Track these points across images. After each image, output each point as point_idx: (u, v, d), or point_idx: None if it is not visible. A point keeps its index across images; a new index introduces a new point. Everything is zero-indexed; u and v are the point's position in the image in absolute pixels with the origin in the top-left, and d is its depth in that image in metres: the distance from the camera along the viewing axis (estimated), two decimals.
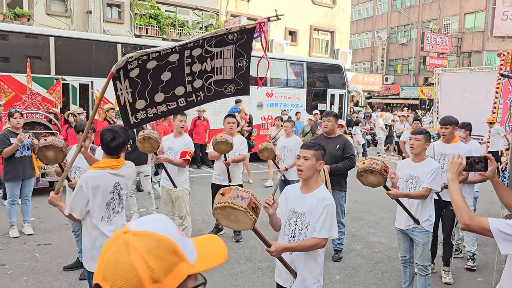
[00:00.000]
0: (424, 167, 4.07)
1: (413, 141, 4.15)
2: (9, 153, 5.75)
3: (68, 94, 10.02)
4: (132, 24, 17.54)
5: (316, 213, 2.77)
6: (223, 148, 5.49)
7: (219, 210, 2.49)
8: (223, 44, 3.40)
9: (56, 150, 4.30)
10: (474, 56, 32.79)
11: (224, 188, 2.58)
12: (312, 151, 2.87)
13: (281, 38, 21.53)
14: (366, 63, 41.84)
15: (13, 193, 5.91)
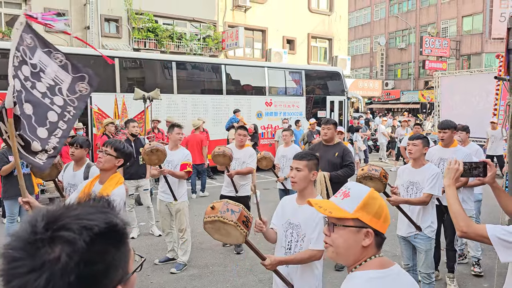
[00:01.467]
0: (424, 172, 4.02)
1: (410, 147, 4.10)
2: (7, 171, 5.71)
3: None
4: (130, 38, 17.62)
5: (312, 224, 2.71)
6: (221, 161, 5.49)
7: (209, 224, 2.46)
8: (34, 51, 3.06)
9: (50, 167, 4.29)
10: (473, 58, 32.79)
11: (214, 201, 2.54)
12: (305, 162, 2.83)
13: (279, 47, 21.58)
14: (365, 69, 41.90)
15: (13, 212, 5.87)
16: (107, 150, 3.19)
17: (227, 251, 6.07)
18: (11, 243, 0.78)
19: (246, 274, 5.24)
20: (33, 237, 0.76)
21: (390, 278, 1.42)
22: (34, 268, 0.73)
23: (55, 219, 0.78)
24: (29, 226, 0.78)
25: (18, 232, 0.78)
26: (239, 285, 4.91)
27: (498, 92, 12.76)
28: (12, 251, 0.76)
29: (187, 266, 5.37)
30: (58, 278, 0.73)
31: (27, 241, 0.76)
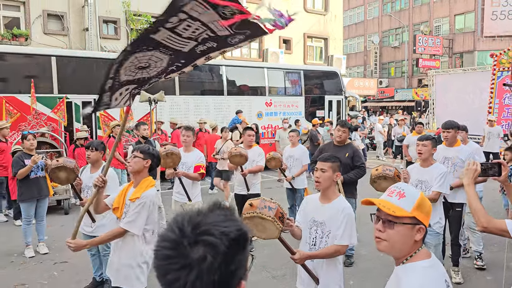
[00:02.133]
0: (433, 171, 4.23)
1: (420, 147, 4.30)
2: (23, 174, 5.87)
3: (71, 112, 10.14)
4: (128, 40, 17.71)
5: (337, 222, 2.91)
6: (238, 160, 5.71)
7: (248, 220, 2.65)
8: None
9: (68, 171, 4.45)
10: (466, 56, 33.21)
11: (252, 199, 2.73)
12: (329, 164, 3.02)
13: (275, 47, 21.78)
14: (359, 67, 42.23)
15: (29, 214, 6.01)
16: (135, 154, 3.34)
17: None
18: (162, 243, 0.94)
19: (259, 271, 5.43)
20: (182, 239, 0.92)
21: (435, 265, 1.64)
22: (185, 265, 0.90)
23: (197, 225, 0.94)
24: (178, 230, 0.94)
25: (168, 234, 0.95)
26: (254, 281, 5.10)
27: (493, 90, 13.07)
28: (165, 250, 0.93)
29: None
30: (205, 275, 0.90)
31: (177, 242, 0.92)
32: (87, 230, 4.72)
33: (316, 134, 11.91)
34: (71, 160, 4.54)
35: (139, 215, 3.10)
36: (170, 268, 0.92)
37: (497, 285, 4.94)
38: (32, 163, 5.84)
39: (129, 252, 3.14)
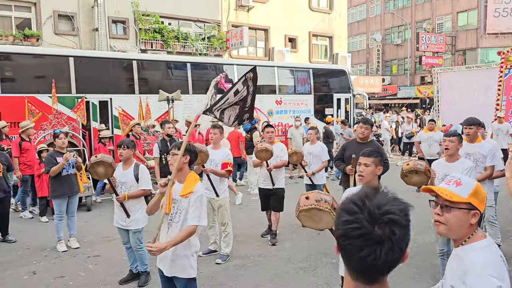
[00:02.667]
0: (459, 166, 4.41)
1: (447, 143, 4.49)
2: (56, 172, 6.07)
3: (89, 111, 10.34)
4: (137, 39, 17.90)
5: None
6: (263, 156, 5.91)
7: (305, 212, 2.83)
8: None
9: (106, 166, 4.67)
10: (469, 53, 33.37)
11: (306, 192, 2.92)
12: (372, 159, 3.22)
13: (281, 46, 21.96)
14: (362, 65, 42.41)
15: (61, 210, 6.21)
16: (173, 152, 3.46)
17: (263, 243, 6.47)
18: (352, 224, 1.10)
19: (285, 263, 5.65)
20: (371, 219, 1.09)
21: (491, 244, 1.87)
22: (378, 241, 1.08)
23: (380, 205, 1.10)
24: (367, 212, 1.10)
25: (357, 216, 1.10)
26: (282, 273, 5.31)
27: (500, 87, 13.26)
28: (357, 230, 1.09)
29: (230, 257, 5.76)
30: (395, 247, 1.09)
31: (367, 221, 1.09)
32: (122, 224, 4.93)
33: (331, 131, 12.12)
34: (109, 156, 4.74)
35: (201, 208, 3.29)
36: (364, 244, 1.08)
37: None
38: (64, 160, 6.06)
39: (185, 244, 3.30)
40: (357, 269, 1.15)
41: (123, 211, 4.83)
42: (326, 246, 6.27)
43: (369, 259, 1.09)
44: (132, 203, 4.84)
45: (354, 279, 1.18)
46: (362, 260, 1.09)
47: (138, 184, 4.86)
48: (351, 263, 1.15)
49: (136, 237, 4.92)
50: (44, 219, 7.80)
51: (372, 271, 1.13)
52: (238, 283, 4.99)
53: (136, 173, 4.86)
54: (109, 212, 8.50)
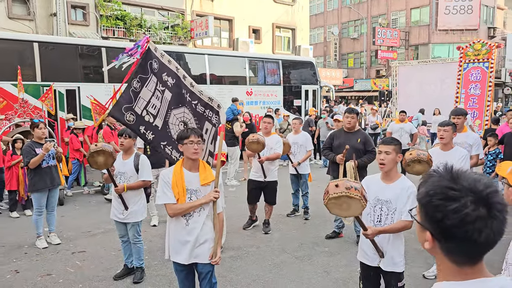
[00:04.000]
0: (454, 154, 4.59)
1: (442, 132, 4.65)
2: (36, 163, 5.68)
3: (55, 100, 9.79)
4: (98, 26, 17.15)
5: (403, 199, 3.16)
6: (255, 148, 5.84)
7: (334, 200, 2.83)
8: None
9: (106, 155, 4.43)
10: (421, 48, 34.81)
11: (335, 180, 2.92)
12: (393, 146, 3.26)
13: (245, 37, 21.86)
14: (319, 58, 43.05)
15: (40, 204, 5.84)
16: (199, 140, 3.27)
17: (252, 233, 6.45)
18: (464, 209, 1.09)
19: (280, 253, 5.65)
20: (478, 198, 1.10)
21: None
22: (491, 216, 1.10)
23: (475, 182, 1.13)
24: (470, 194, 1.11)
25: (465, 202, 1.10)
26: (278, 262, 5.31)
27: (460, 81, 13.90)
28: (472, 214, 1.09)
29: (222, 249, 5.68)
30: (504, 215, 1.12)
31: (474, 202, 1.10)
32: (120, 217, 4.72)
33: (312, 120, 12.31)
34: (109, 145, 4.51)
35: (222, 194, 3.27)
36: (483, 225, 1.09)
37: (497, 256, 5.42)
38: (44, 151, 5.66)
39: (209, 229, 3.29)
40: (477, 253, 1.14)
41: (121, 203, 4.62)
42: (315, 235, 6.35)
43: (490, 237, 1.10)
44: (131, 195, 4.64)
45: (461, 264, 1.16)
46: (485, 241, 1.10)
47: (138, 175, 4.67)
48: (470, 249, 1.13)
49: (135, 230, 4.73)
50: (14, 215, 7.34)
51: (489, 248, 1.13)
52: (239, 275, 4.94)
53: (136, 164, 4.67)
54: (84, 206, 8.16)
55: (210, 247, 3.31)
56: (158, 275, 4.93)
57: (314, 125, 12.32)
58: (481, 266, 1.18)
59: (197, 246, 3.27)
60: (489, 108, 13.29)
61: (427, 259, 5.32)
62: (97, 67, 10.79)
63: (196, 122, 3.77)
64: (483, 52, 13.41)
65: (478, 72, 13.53)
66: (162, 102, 3.97)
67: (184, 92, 3.81)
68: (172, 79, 3.86)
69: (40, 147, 5.74)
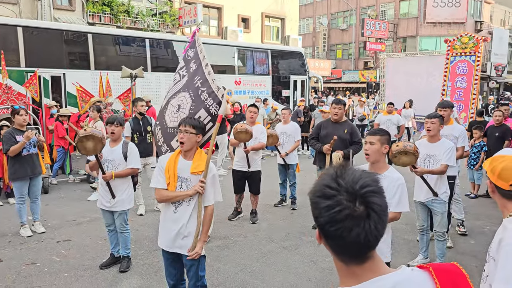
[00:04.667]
0: (440, 146, 4.63)
1: (429, 125, 4.68)
2: (16, 151, 5.55)
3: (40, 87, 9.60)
4: (84, 12, 16.83)
5: (391, 191, 3.17)
6: (243, 137, 5.81)
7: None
8: None
9: (95, 140, 4.34)
10: (409, 41, 34.97)
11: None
12: (377, 137, 3.27)
13: (234, 26, 21.68)
14: (308, 48, 42.96)
15: (22, 193, 5.73)
16: (187, 129, 3.23)
17: (239, 223, 6.45)
18: (337, 207, 1.06)
19: (267, 242, 5.67)
20: (352, 196, 1.06)
21: None
22: (365, 215, 1.05)
23: (355, 180, 1.08)
24: (344, 191, 1.07)
25: (338, 198, 1.07)
26: (266, 252, 5.33)
27: (446, 74, 14.02)
28: (342, 212, 1.05)
29: (210, 238, 5.68)
30: (380, 220, 1.08)
31: (348, 200, 1.06)
32: (106, 206, 4.68)
33: (301, 111, 12.31)
34: (99, 130, 4.42)
35: (217, 186, 3.26)
36: (353, 224, 1.05)
37: (480, 247, 5.56)
38: (25, 139, 5.52)
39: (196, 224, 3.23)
40: (350, 252, 1.11)
41: (108, 192, 4.57)
42: (302, 225, 6.38)
43: (362, 237, 1.06)
44: (119, 183, 4.59)
45: (347, 263, 1.14)
46: (355, 240, 1.06)
47: (127, 162, 4.61)
48: (343, 248, 1.11)
49: (122, 218, 4.68)
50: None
51: (365, 248, 1.10)
52: (225, 263, 4.94)
53: (125, 151, 4.61)
54: (69, 194, 8.07)
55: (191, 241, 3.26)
56: (144, 264, 4.91)
57: (303, 116, 12.32)
58: (372, 265, 1.14)
59: (182, 238, 3.23)
60: (474, 101, 13.45)
61: (411, 249, 5.41)
62: (83, 53, 10.60)
63: (191, 108, 3.64)
64: (470, 46, 13.53)
65: (465, 66, 13.66)
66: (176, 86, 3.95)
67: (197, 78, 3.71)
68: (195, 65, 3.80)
69: (21, 134, 5.61)
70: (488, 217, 6.84)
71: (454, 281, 1.16)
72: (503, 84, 35.70)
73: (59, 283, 4.41)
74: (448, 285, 1.15)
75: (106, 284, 4.39)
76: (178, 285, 3.45)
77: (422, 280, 1.16)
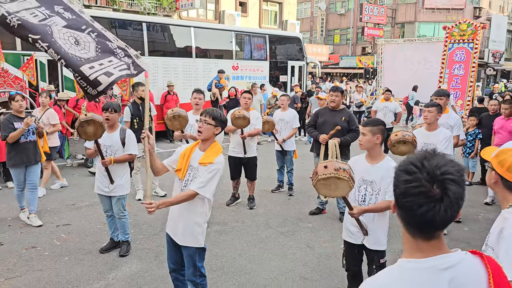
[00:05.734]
0: (438, 135, 4.69)
1: (426, 113, 4.73)
2: (15, 138, 5.46)
3: (37, 71, 9.54)
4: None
5: (387, 180, 3.23)
6: (240, 123, 5.83)
7: (323, 181, 2.87)
8: None
9: (96, 125, 4.35)
10: (407, 26, 34.83)
11: (324, 161, 2.96)
12: (368, 128, 3.30)
13: (232, 9, 21.48)
14: (306, 33, 42.67)
15: (19, 180, 5.67)
16: (206, 120, 3.21)
17: (237, 208, 6.53)
18: (414, 183, 1.20)
19: (265, 228, 5.76)
20: (431, 177, 1.19)
21: None
22: (438, 198, 1.18)
23: (439, 165, 1.21)
24: (426, 172, 1.20)
25: (417, 176, 1.20)
26: (263, 237, 5.42)
27: (444, 61, 14.03)
28: (417, 188, 1.19)
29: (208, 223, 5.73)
30: (454, 204, 1.19)
31: (427, 180, 1.19)
32: (105, 191, 4.72)
33: (298, 97, 12.31)
34: (99, 116, 4.44)
35: (212, 180, 3.14)
36: (424, 201, 1.19)
37: (474, 234, 5.68)
38: (25, 126, 5.43)
39: (196, 212, 3.24)
40: (416, 225, 1.25)
41: (106, 177, 4.61)
42: (299, 211, 6.47)
43: (429, 215, 1.19)
44: (117, 168, 4.63)
45: (413, 236, 1.28)
46: (422, 216, 1.20)
47: (125, 148, 4.65)
48: (411, 220, 1.25)
49: (120, 204, 4.73)
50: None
51: (431, 226, 1.23)
52: (223, 248, 5.03)
53: (122, 137, 4.64)
54: (67, 178, 8.08)
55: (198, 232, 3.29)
56: (144, 248, 4.98)
57: (300, 102, 12.33)
58: (438, 244, 1.27)
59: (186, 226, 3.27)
60: (471, 88, 13.49)
61: None
62: None
63: (98, 48, 3.31)
64: (469, 33, 13.50)
65: (463, 53, 13.66)
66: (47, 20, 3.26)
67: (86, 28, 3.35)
68: (71, 15, 3.37)
69: (19, 121, 5.54)
70: (482, 205, 6.95)
71: (498, 269, 1.30)
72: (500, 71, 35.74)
73: (60, 266, 4.48)
74: (496, 272, 1.28)
75: (106, 268, 4.47)
76: (178, 270, 3.50)
77: (476, 263, 1.29)
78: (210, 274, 4.36)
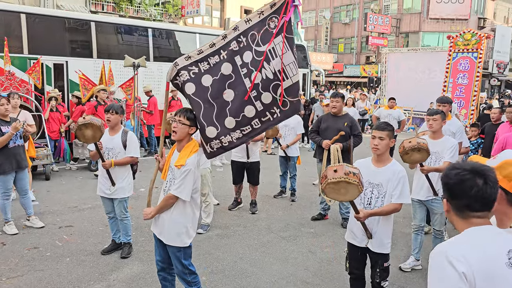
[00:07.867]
0: (444, 143, 4.61)
1: (431, 122, 4.67)
2: (3, 143, 5.12)
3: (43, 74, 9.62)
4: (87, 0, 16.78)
5: (393, 183, 3.23)
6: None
7: (332, 184, 2.86)
8: (270, 37, 3.11)
9: (94, 129, 4.37)
10: (411, 36, 34.88)
11: (334, 165, 2.95)
12: (386, 132, 3.30)
13: (237, 17, 21.61)
14: (310, 41, 42.83)
15: (7, 187, 5.36)
16: (180, 120, 3.22)
17: (239, 212, 6.53)
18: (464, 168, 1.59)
19: (267, 232, 5.75)
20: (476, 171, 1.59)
21: None
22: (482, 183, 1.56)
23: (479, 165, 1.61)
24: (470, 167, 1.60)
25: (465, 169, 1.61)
26: (265, 242, 5.41)
27: (448, 70, 14.05)
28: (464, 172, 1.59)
29: (210, 227, 5.76)
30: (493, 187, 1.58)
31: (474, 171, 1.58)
32: (106, 193, 4.73)
33: (302, 105, 12.32)
34: (98, 119, 4.47)
35: (185, 182, 3.15)
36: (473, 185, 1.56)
37: None
38: (13, 130, 5.10)
39: (182, 213, 3.26)
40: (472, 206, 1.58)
41: (108, 179, 4.63)
42: (301, 217, 6.46)
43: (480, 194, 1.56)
44: (119, 171, 4.65)
45: (467, 217, 1.60)
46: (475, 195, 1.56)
47: (126, 151, 4.66)
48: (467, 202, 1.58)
49: (122, 206, 4.74)
50: None
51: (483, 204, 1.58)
52: (225, 252, 5.02)
53: (124, 140, 4.65)
54: (70, 181, 8.13)
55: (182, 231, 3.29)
56: (145, 250, 4.98)
57: (303, 109, 12.35)
58: (485, 221, 1.60)
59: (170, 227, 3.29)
60: (475, 98, 13.49)
61: (408, 242, 5.47)
62: (86, 41, 10.59)
63: None
64: (473, 42, 13.54)
65: (467, 62, 13.68)
66: None
67: None
68: None
69: (6, 125, 5.24)
70: None
71: None
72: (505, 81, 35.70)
73: (61, 267, 4.49)
74: None
75: (107, 269, 4.47)
76: (166, 268, 3.50)
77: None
78: (211, 277, 4.36)
